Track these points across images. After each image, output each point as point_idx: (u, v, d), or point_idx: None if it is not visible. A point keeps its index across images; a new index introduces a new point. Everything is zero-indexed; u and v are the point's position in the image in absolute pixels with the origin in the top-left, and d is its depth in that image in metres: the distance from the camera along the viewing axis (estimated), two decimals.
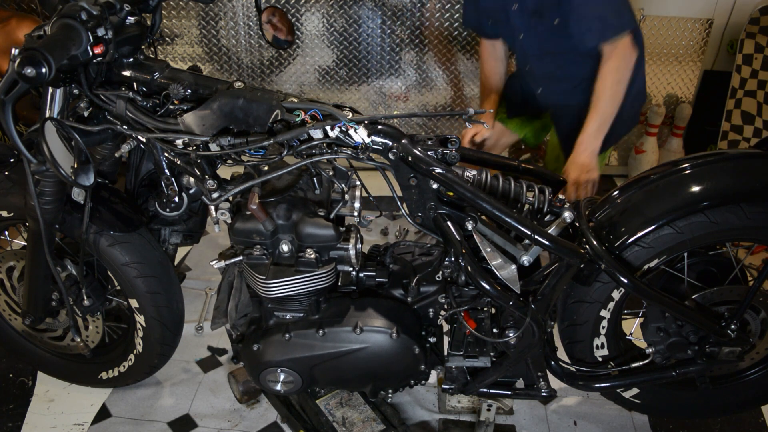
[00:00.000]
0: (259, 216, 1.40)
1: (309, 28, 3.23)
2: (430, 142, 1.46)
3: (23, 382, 2.11)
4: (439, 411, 2.00)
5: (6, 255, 1.87)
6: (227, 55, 3.28)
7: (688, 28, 3.30)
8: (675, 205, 1.48)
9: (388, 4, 3.17)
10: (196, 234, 1.81)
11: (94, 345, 1.93)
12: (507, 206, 1.44)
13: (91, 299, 1.74)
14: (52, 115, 1.39)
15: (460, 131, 3.50)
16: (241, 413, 1.99)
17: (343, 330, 1.54)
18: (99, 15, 1.28)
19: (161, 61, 1.47)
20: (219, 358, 2.21)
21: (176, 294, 1.81)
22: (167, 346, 1.88)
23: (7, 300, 1.94)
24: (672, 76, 3.45)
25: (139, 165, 1.69)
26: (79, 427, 1.94)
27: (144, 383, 2.07)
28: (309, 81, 3.38)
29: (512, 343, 1.56)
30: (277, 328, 1.57)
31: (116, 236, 1.65)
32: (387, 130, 1.42)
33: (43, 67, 1.12)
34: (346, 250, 1.49)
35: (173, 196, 1.59)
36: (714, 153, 1.55)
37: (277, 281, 1.47)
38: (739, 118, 3.29)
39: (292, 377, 1.60)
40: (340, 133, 1.37)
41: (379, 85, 3.40)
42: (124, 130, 1.44)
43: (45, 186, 1.51)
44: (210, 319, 1.73)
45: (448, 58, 3.34)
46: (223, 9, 3.17)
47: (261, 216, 1.40)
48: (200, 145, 1.41)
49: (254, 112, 1.37)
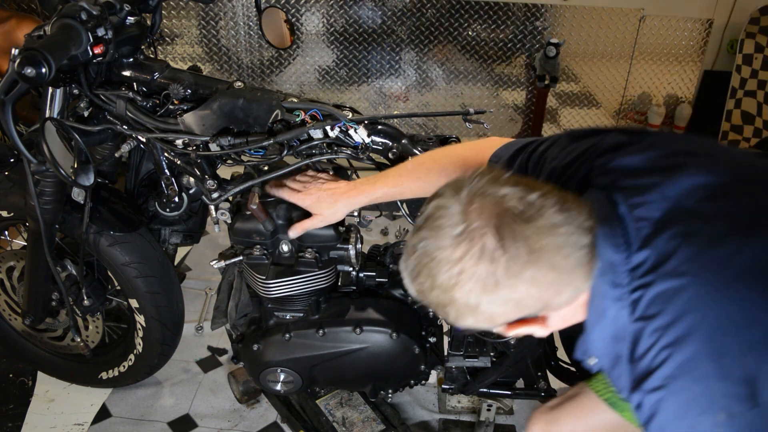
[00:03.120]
0: (259, 216, 1.40)
1: (309, 28, 3.23)
2: (430, 142, 1.45)
3: (23, 382, 2.11)
4: (439, 411, 2.00)
5: (6, 255, 1.87)
6: (227, 55, 3.29)
7: (688, 28, 3.30)
8: None
9: (388, 4, 3.17)
10: (196, 234, 1.81)
11: (94, 345, 1.93)
12: None
13: (91, 299, 1.74)
14: (52, 115, 1.39)
15: (460, 131, 3.50)
16: (241, 413, 1.99)
17: (343, 330, 1.54)
18: (99, 15, 1.28)
19: (161, 61, 1.47)
20: (219, 358, 2.21)
21: (176, 294, 1.81)
22: (167, 346, 1.87)
23: (7, 300, 1.94)
24: (672, 76, 3.45)
25: (139, 165, 1.69)
26: (79, 427, 1.94)
27: (144, 383, 2.07)
28: (309, 81, 3.38)
29: (512, 343, 1.56)
30: (277, 328, 1.57)
31: (116, 236, 1.64)
32: (387, 130, 1.42)
33: (43, 67, 1.12)
34: (346, 250, 1.49)
35: (173, 196, 1.59)
36: None
37: (277, 281, 1.47)
38: (739, 118, 3.29)
39: (292, 377, 1.60)
40: (340, 133, 1.37)
41: (379, 85, 3.40)
42: (124, 130, 1.44)
43: (45, 186, 1.51)
44: (210, 319, 1.73)
45: (448, 58, 3.34)
46: (223, 9, 3.17)
47: (261, 216, 1.40)
48: (200, 145, 1.41)
49: (254, 112, 1.37)
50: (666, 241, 0.79)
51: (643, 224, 0.80)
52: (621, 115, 3.56)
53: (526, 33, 3.28)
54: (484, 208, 0.76)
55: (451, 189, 0.79)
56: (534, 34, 3.28)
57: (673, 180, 0.83)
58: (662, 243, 0.79)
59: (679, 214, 0.80)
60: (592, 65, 3.41)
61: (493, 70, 3.39)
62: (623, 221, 0.81)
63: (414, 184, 1.29)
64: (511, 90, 3.46)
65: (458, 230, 0.75)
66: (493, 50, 3.32)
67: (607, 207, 0.82)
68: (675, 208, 0.81)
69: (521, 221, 0.74)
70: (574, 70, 3.43)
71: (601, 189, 0.86)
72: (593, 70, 3.42)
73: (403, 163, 1.34)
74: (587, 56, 3.39)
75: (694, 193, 0.81)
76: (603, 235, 0.80)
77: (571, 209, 0.77)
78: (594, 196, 0.84)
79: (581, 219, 0.77)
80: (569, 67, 3.40)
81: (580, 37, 3.29)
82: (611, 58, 3.39)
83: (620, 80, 3.46)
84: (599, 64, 3.40)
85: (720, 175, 0.84)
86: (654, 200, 0.81)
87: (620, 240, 0.80)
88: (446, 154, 1.28)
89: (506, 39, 3.29)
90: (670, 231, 0.79)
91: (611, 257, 0.79)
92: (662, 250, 0.78)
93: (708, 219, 0.80)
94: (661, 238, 0.79)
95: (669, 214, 0.80)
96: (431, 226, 0.78)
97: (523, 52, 3.33)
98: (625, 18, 3.26)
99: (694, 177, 0.83)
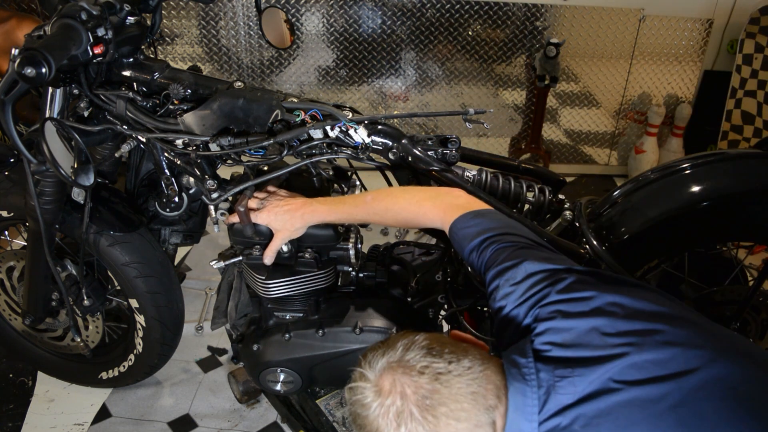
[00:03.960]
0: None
1: (309, 28, 3.23)
2: (430, 142, 1.45)
3: (23, 382, 2.11)
4: None
5: (6, 255, 1.87)
6: (227, 55, 3.28)
7: (688, 28, 3.30)
8: (675, 205, 1.48)
9: (388, 4, 3.17)
10: (196, 234, 1.81)
11: (94, 345, 1.93)
12: (507, 206, 1.44)
13: (91, 299, 1.74)
14: (52, 115, 1.39)
15: (460, 131, 3.50)
16: (241, 413, 1.99)
17: (343, 330, 1.54)
18: (99, 15, 1.28)
19: (161, 61, 1.47)
20: (219, 358, 2.21)
21: (176, 294, 1.81)
22: (167, 346, 1.87)
23: (7, 300, 1.94)
24: (672, 76, 3.45)
25: (139, 165, 1.69)
26: (79, 427, 1.94)
27: (144, 383, 2.07)
28: (309, 81, 3.38)
29: None
30: (277, 328, 1.57)
31: (116, 236, 1.64)
32: (387, 130, 1.41)
33: (43, 67, 1.12)
34: (346, 250, 1.49)
35: (173, 196, 1.59)
36: (714, 153, 1.55)
37: (276, 281, 1.47)
38: (739, 118, 3.29)
39: (292, 377, 1.60)
40: (340, 133, 1.36)
41: (379, 85, 3.40)
42: (124, 130, 1.44)
43: (45, 186, 1.51)
44: (210, 319, 1.73)
45: (448, 58, 3.34)
46: (223, 9, 3.17)
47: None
48: (200, 145, 1.41)
49: (254, 112, 1.37)
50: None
51: (562, 398, 0.84)
52: (621, 115, 3.56)
53: (526, 33, 3.28)
54: (392, 389, 0.84)
55: (369, 363, 0.88)
56: (534, 34, 3.28)
57: (599, 366, 0.85)
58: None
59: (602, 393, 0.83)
60: (592, 65, 3.41)
61: (493, 70, 3.39)
62: (548, 392, 0.84)
63: (369, 217, 1.34)
64: (511, 90, 3.46)
65: (374, 413, 0.85)
66: (493, 50, 3.32)
67: (528, 378, 0.86)
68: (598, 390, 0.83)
69: (421, 409, 0.82)
70: (574, 70, 3.43)
71: (534, 351, 0.89)
72: (593, 70, 3.42)
73: (364, 194, 1.37)
74: (587, 56, 3.38)
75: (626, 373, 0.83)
76: (515, 407, 0.85)
77: (478, 388, 0.84)
78: (523, 357, 0.88)
79: (491, 396, 0.84)
80: (569, 67, 3.40)
81: (580, 37, 3.29)
82: (611, 58, 3.39)
83: (620, 80, 3.45)
84: (599, 64, 3.40)
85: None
86: (576, 385, 0.84)
87: (533, 410, 0.84)
88: (407, 200, 1.30)
89: (506, 39, 3.29)
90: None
91: (522, 426, 0.84)
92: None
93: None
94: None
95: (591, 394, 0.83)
96: (356, 405, 0.88)
97: (523, 52, 3.33)
98: (625, 18, 3.25)
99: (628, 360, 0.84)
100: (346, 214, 1.35)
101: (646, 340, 0.85)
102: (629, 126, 3.60)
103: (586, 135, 3.64)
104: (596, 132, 3.63)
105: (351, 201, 1.35)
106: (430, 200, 1.26)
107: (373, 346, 0.92)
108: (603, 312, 0.90)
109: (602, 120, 3.59)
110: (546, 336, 0.90)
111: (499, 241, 1.08)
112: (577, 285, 0.95)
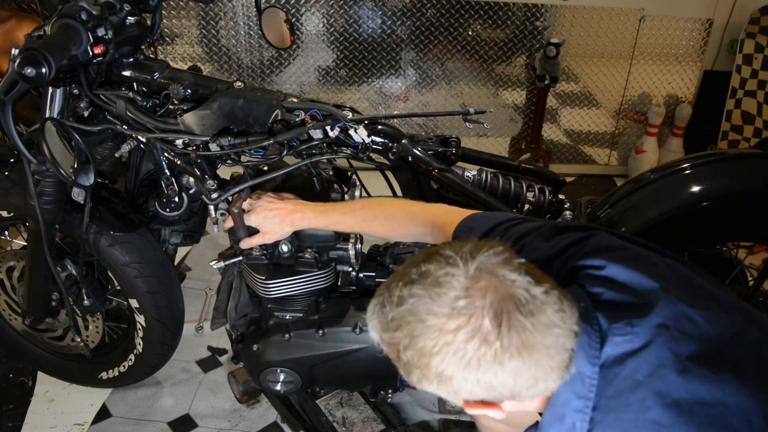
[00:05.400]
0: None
1: (309, 28, 3.23)
2: (430, 142, 1.46)
3: (23, 382, 2.11)
4: (439, 411, 2.00)
5: (6, 255, 1.87)
6: (227, 55, 3.28)
7: (688, 28, 3.30)
8: (675, 205, 1.48)
9: (388, 4, 3.17)
10: (196, 234, 1.81)
11: (94, 345, 1.93)
12: (507, 206, 1.44)
13: (91, 299, 1.74)
14: (52, 115, 1.39)
15: (460, 131, 3.50)
16: (241, 413, 1.99)
17: (343, 330, 1.54)
18: (99, 15, 1.28)
19: (161, 61, 1.47)
20: (219, 358, 2.21)
21: (176, 294, 1.81)
22: (167, 346, 1.87)
23: (7, 300, 1.94)
24: (672, 76, 3.45)
25: (139, 165, 1.69)
26: (79, 427, 1.94)
27: (144, 383, 2.07)
28: (309, 81, 3.38)
29: None
30: (277, 329, 1.57)
31: (116, 236, 1.64)
32: (387, 130, 1.42)
33: (43, 67, 1.12)
34: (346, 250, 1.49)
35: (173, 196, 1.59)
36: (714, 153, 1.55)
37: (276, 281, 1.47)
38: (739, 118, 3.29)
39: (292, 377, 1.60)
40: (340, 133, 1.37)
41: (379, 85, 3.40)
42: (124, 130, 1.44)
43: (45, 186, 1.51)
44: (210, 319, 1.73)
45: (448, 58, 3.34)
46: (223, 9, 3.17)
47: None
48: (200, 145, 1.41)
49: (254, 112, 1.37)
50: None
51: (621, 346, 0.80)
52: (621, 115, 3.56)
53: (526, 33, 3.28)
54: (489, 288, 0.75)
55: (462, 257, 0.77)
56: (534, 34, 3.28)
57: (654, 313, 0.82)
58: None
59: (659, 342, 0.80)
60: (592, 65, 3.41)
61: (493, 70, 3.39)
62: (603, 337, 0.81)
63: (356, 225, 1.33)
64: (511, 90, 3.45)
65: (458, 303, 0.74)
66: (493, 50, 3.32)
67: (591, 319, 0.82)
68: (654, 341, 0.80)
69: (522, 313, 0.74)
70: (574, 70, 3.43)
71: (587, 295, 0.85)
72: (593, 70, 3.42)
73: (353, 202, 1.37)
74: (587, 56, 3.38)
75: (679, 322, 0.81)
76: (581, 345, 0.80)
77: (565, 310, 0.77)
78: (581, 301, 0.83)
79: (572, 323, 0.77)
80: (569, 67, 3.40)
81: (580, 37, 3.29)
82: (611, 58, 3.39)
83: (620, 80, 3.45)
84: (599, 64, 3.40)
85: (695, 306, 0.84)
86: (636, 332, 0.81)
87: (596, 353, 0.80)
88: (396, 208, 1.29)
89: (506, 39, 3.29)
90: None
91: (583, 368, 0.80)
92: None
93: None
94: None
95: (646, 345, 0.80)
96: (430, 287, 0.76)
97: (523, 52, 3.33)
98: (625, 18, 3.25)
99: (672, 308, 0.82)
100: (334, 220, 1.34)
101: (687, 292, 0.85)
102: (629, 126, 3.60)
103: (586, 135, 3.64)
104: (596, 132, 3.63)
105: (340, 208, 1.35)
106: (420, 208, 1.26)
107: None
108: (641, 262, 0.88)
109: (602, 120, 3.59)
110: (594, 282, 0.86)
111: (521, 221, 1.06)
112: (610, 237, 0.94)
